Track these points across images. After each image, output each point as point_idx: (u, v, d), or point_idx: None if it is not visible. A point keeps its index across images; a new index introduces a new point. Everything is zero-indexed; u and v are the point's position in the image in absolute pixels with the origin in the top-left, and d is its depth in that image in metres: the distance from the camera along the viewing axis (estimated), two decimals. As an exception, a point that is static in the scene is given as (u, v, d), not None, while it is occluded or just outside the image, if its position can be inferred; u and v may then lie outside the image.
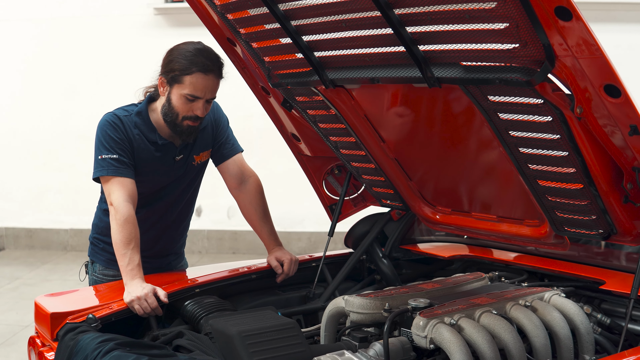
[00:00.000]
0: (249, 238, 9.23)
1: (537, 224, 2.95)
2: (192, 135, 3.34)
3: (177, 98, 3.26)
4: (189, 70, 3.21)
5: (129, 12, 9.26)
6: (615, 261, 3.29)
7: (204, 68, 3.21)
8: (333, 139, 3.35)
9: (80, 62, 9.40)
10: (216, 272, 3.47)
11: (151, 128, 3.40)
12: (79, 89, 9.43)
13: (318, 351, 2.69)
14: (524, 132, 2.53)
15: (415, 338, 2.60)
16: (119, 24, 9.29)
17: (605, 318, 2.94)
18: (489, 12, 2.13)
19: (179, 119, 3.28)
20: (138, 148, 3.38)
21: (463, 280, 3.14)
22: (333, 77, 2.89)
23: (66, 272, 8.44)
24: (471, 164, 3.07)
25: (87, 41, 9.37)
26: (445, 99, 2.89)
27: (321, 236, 9.07)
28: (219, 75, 3.26)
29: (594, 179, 2.48)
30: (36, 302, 3.16)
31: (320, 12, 2.61)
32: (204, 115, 3.28)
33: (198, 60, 3.21)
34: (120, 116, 3.39)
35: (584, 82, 2.19)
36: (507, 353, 2.54)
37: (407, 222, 3.80)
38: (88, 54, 9.38)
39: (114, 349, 2.63)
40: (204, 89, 3.23)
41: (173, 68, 3.25)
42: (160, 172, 3.44)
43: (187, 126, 3.29)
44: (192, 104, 3.24)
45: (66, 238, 9.58)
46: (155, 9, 9.21)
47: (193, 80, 3.21)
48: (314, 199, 3.89)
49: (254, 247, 9.27)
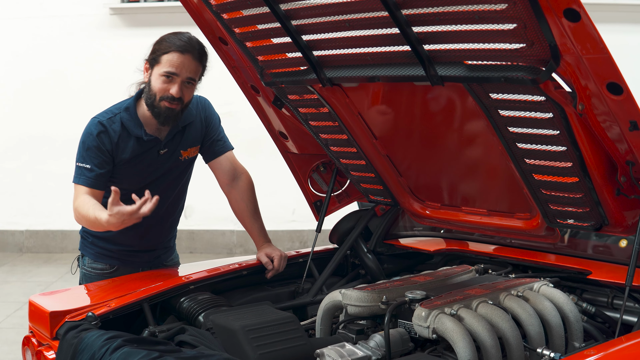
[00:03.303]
0: (206, 237, 9.26)
1: (528, 217, 3.05)
2: (171, 119, 3.41)
3: (156, 78, 3.37)
4: (166, 50, 3.35)
5: (85, 12, 9.19)
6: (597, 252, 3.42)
7: (181, 48, 3.33)
8: (324, 136, 3.41)
9: (36, 62, 9.31)
10: (207, 269, 3.50)
11: (137, 123, 3.47)
12: (34, 90, 9.34)
13: (318, 344, 2.75)
14: (523, 128, 2.62)
15: (417, 329, 2.68)
16: (75, 24, 9.23)
17: (590, 307, 3.05)
18: (499, 13, 2.22)
19: (157, 99, 3.37)
20: (122, 146, 3.45)
21: (452, 273, 3.23)
22: (331, 76, 2.95)
23: (24, 274, 8.36)
24: (461, 159, 3.15)
25: (43, 41, 9.29)
26: (437, 96, 2.97)
27: (271, 234, 9.15)
28: (197, 58, 3.37)
29: (590, 173, 2.59)
30: (31, 301, 3.17)
31: (323, 12, 2.66)
32: (180, 97, 3.34)
33: (177, 42, 3.35)
34: (104, 121, 3.46)
35: (586, 80, 2.29)
36: (505, 341, 2.63)
37: (391, 217, 3.88)
38: (44, 54, 9.30)
39: (123, 346, 2.66)
40: (180, 66, 3.33)
41: (154, 51, 3.39)
42: (145, 166, 3.50)
43: (165, 108, 3.37)
44: (169, 83, 3.34)
45: (22, 240, 9.47)
46: (111, 9, 9.16)
47: (169, 57, 3.34)
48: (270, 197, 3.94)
49: (211, 246, 9.30)
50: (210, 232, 9.23)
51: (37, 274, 8.40)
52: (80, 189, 3.42)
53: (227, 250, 9.23)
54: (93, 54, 9.23)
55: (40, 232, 9.46)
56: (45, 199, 9.42)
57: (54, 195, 9.36)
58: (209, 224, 9.04)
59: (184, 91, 3.36)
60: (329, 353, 2.60)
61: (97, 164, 3.41)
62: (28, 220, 9.49)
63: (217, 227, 9.21)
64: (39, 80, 9.31)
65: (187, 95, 3.39)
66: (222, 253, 9.16)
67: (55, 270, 8.51)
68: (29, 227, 9.50)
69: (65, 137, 9.20)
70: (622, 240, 3.33)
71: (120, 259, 3.68)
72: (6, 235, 9.50)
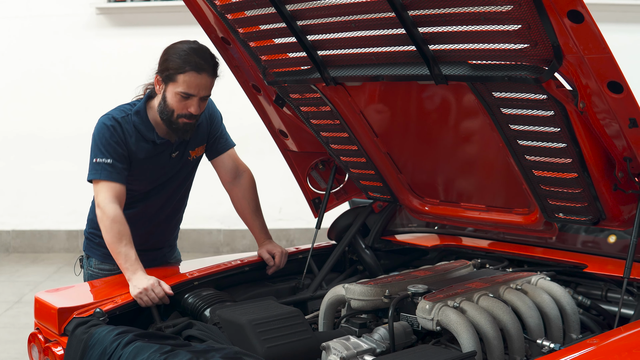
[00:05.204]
0: (193, 236, 9.29)
1: (527, 212, 3.14)
2: (188, 133, 3.42)
3: (172, 96, 3.33)
4: (182, 69, 3.28)
5: (71, 11, 9.20)
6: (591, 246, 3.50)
7: (197, 67, 3.28)
8: (324, 134, 3.47)
9: (22, 62, 9.33)
10: (210, 265, 3.55)
11: (149, 127, 3.47)
12: (20, 89, 9.34)
13: (323, 338, 2.81)
14: (524, 126, 2.70)
15: (420, 321, 2.75)
16: (61, 24, 9.24)
17: (585, 300, 3.14)
18: (504, 14, 2.29)
19: (174, 116, 3.36)
20: (136, 148, 3.45)
21: (451, 267, 3.31)
22: (335, 75, 3.02)
23: (12, 274, 8.37)
24: (460, 156, 3.23)
25: (29, 41, 9.30)
26: (437, 95, 3.04)
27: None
28: (212, 74, 3.34)
29: (589, 169, 2.68)
30: (37, 298, 3.19)
31: (329, 13, 2.73)
32: (199, 113, 3.36)
33: (191, 59, 3.28)
34: (118, 118, 3.44)
35: (588, 79, 2.38)
36: (506, 332, 2.71)
37: (388, 214, 3.95)
38: (30, 54, 9.31)
39: (134, 340, 2.71)
40: (197, 87, 3.30)
41: (168, 67, 3.32)
42: (158, 169, 3.52)
43: (183, 123, 3.37)
44: (187, 101, 3.32)
45: (8, 240, 9.46)
46: (97, 9, 9.18)
47: (186, 78, 3.28)
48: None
49: (198, 245, 9.33)
50: (197, 231, 9.26)
51: (25, 273, 8.40)
52: (102, 186, 3.36)
53: (213, 249, 9.27)
54: (79, 54, 9.24)
55: (27, 232, 9.45)
56: (32, 198, 9.43)
57: (40, 195, 9.37)
58: (195, 223, 9.05)
59: (201, 106, 3.39)
60: (334, 346, 2.66)
61: (117, 158, 3.38)
62: (15, 220, 9.49)
63: (203, 226, 9.24)
64: (26, 80, 9.32)
65: (202, 109, 3.41)
66: (208, 252, 9.19)
67: (42, 270, 8.52)
68: (15, 227, 9.49)
69: (52, 137, 9.24)
70: (611, 236, 3.42)
71: None
72: (-8, 235, 9.51)
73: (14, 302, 7.23)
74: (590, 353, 2.46)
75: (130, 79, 3.60)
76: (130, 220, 3.38)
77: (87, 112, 6.82)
